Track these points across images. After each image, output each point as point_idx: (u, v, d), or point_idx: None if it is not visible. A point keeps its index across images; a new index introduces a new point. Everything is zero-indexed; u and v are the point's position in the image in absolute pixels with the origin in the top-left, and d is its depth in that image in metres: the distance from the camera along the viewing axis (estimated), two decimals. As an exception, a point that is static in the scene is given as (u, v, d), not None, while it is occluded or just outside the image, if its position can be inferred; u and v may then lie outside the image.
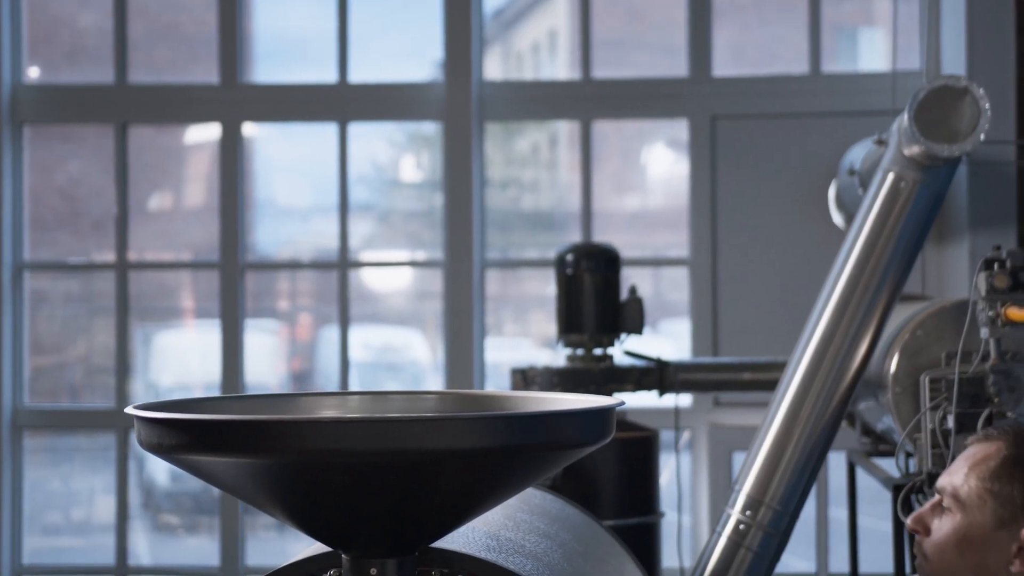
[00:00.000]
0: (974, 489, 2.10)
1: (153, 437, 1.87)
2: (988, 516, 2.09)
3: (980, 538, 2.09)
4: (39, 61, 6.23)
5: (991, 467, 2.10)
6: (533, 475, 1.98)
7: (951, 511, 2.12)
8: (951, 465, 2.17)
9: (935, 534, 2.13)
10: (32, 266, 5.97)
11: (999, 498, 2.08)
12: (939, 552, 2.12)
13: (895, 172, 3.84)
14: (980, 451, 2.13)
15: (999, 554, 2.08)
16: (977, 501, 2.09)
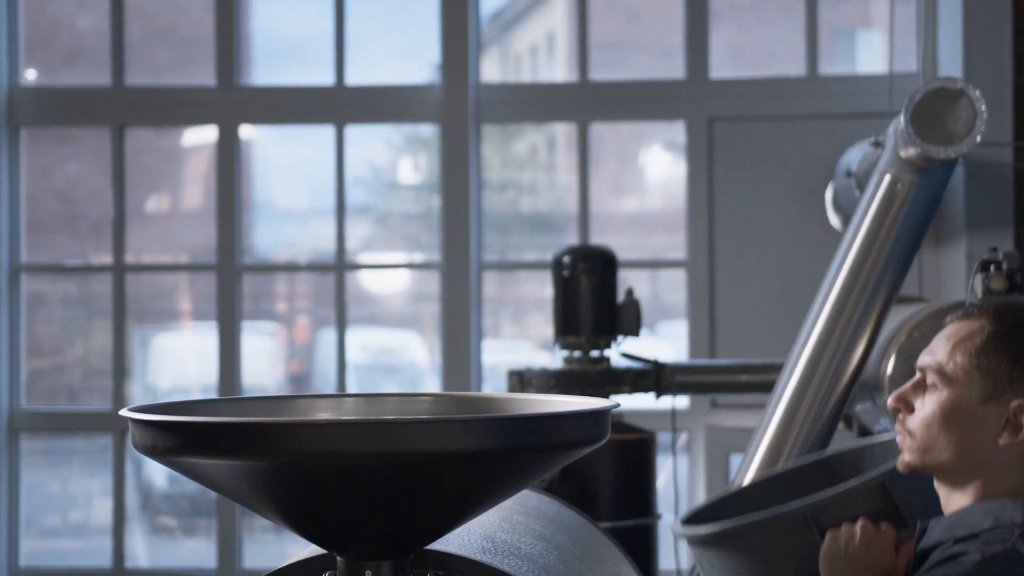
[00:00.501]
0: (960, 365, 2.10)
1: (148, 439, 1.87)
2: (975, 391, 2.09)
3: (967, 413, 2.10)
4: (36, 63, 6.23)
5: (976, 343, 2.11)
6: (528, 477, 1.98)
7: (936, 388, 2.12)
8: (932, 344, 2.17)
9: (919, 411, 2.14)
10: (29, 268, 5.97)
11: (986, 373, 2.09)
12: (925, 428, 2.13)
13: (891, 174, 3.84)
14: (962, 328, 2.14)
15: (986, 429, 2.09)
16: (964, 377, 2.10)
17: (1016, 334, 2.11)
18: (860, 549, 2.20)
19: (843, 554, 2.20)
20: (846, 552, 2.20)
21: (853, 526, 2.22)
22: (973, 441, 2.10)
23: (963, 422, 2.10)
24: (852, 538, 2.21)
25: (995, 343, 2.10)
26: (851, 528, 2.22)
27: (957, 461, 2.12)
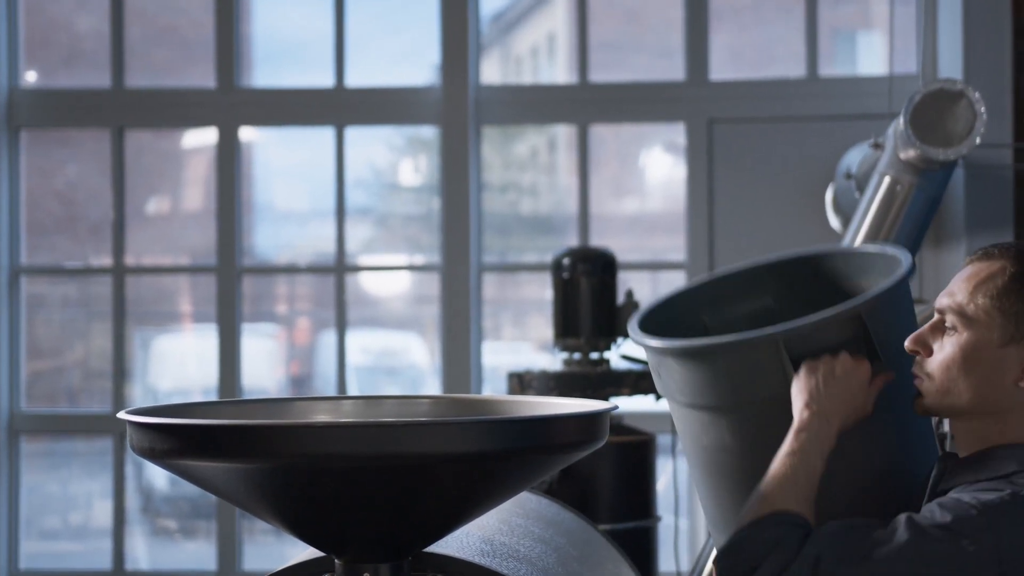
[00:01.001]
0: (981, 306, 2.07)
1: (145, 442, 1.87)
2: (996, 333, 2.06)
3: (987, 355, 2.06)
4: (36, 65, 6.23)
5: (999, 284, 2.07)
6: (526, 479, 1.98)
7: (955, 330, 2.09)
8: (951, 285, 2.14)
9: (938, 354, 2.10)
10: (28, 270, 5.96)
11: (1008, 314, 2.05)
12: (944, 371, 2.09)
13: (891, 175, 3.85)
14: (983, 269, 2.10)
15: (1006, 371, 2.06)
16: (985, 318, 2.06)
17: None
18: (838, 382, 2.12)
19: (819, 386, 2.11)
20: (823, 384, 2.12)
21: (833, 358, 2.14)
22: (993, 384, 2.07)
23: (983, 365, 2.07)
24: (831, 371, 2.13)
25: (1017, 284, 2.06)
26: (831, 360, 2.14)
27: (976, 404, 2.08)
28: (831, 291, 2.47)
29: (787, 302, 2.53)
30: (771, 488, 2.06)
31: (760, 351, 2.16)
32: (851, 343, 2.16)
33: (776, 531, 2.00)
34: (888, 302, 2.20)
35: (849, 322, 2.16)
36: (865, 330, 2.16)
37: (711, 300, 2.53)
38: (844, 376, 2.13)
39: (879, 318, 2.18)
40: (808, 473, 2.07)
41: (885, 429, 2.24)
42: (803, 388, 2.12)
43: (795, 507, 2.04)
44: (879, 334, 2.17)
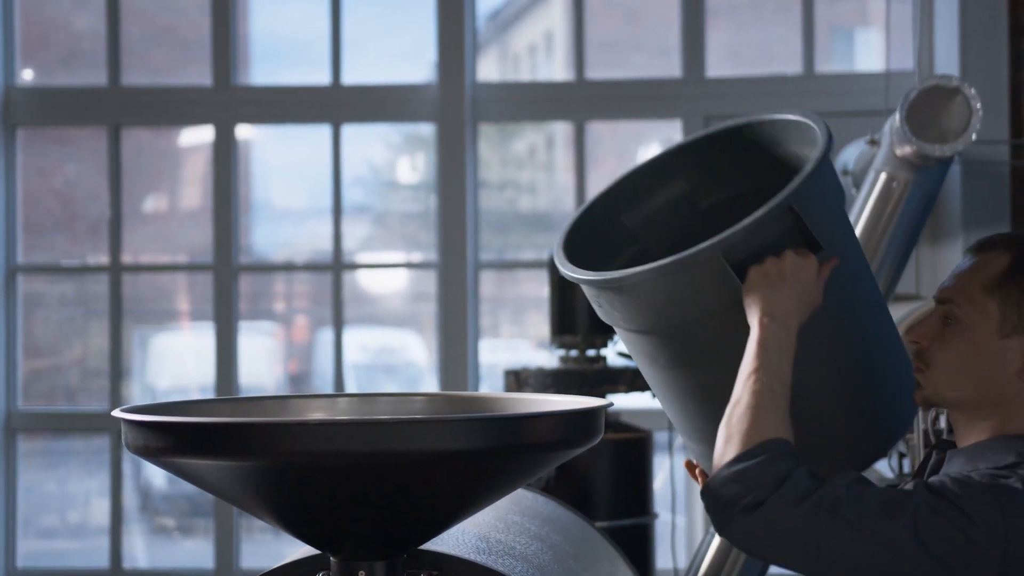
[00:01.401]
0: (982, 298, 2.06)
1: (140, 440, 1.87)
2: (997, 324, 2.05)
3: (988, 347, 2.05)
4: (33, 64, 6.23)
5: (998, 275, 2.06)
6: (521, 476, 1.98)
7: (956, 321, 2.07)
8: (950, 277, 2.12)
9: (938, 345, 2.08)
10: (26, 269, 5.96)
11: (1009, 305, 2.04)
12: (944, 362, 2.08)
13: (887, 172, 3.85)
14: (982, 261, 2.08)
15: (1007, 362, 2.04)
16: (985, 310, 2.05)
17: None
18: (789, 283, 2.07)
19: (771, 288, 2.07)
20: (775, 289, 2.07)
21: (778, 260, 2.09)
22: (994, 375, 2.05)
23: (984, 356, 2.06)
24: (780, 273, 2.08)
25: (1017, 275, 2.05)
26: (776, 262, 2.09)
27: (976, 395, 2.07)
28: (746, 165, 2.39)
29: (702, 183, 2.44)
30: (753, 412, 2.02)
31: (700, 268, 2.09)
32: (788, 235, 2.11)
33: (776, 465, 1.98)
34: (816, 184, 2.13)
35: (782, 215, 2.09)
36: (800, 220, 2.10)
37: (627, 200, 2.44)
38: (793, 275, 2.08)
39: (811, 204, 2.12)
40: (782, 385, 2.05)
41: (838, 311, 2.19)
42: (756, 297, 2.08)
43: (783, 432, 2.02)
44: (814, 220, 2.11)
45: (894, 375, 2.28)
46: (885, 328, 2.31)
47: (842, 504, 1.93)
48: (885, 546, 1.90)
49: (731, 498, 1.98)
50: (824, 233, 2.12)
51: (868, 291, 2.26)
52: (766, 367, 2.04)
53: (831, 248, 2.13)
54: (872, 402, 2.25)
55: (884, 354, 2.24)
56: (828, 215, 2.15)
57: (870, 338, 2.26)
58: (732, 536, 2.01)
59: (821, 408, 2.16)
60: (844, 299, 2.19)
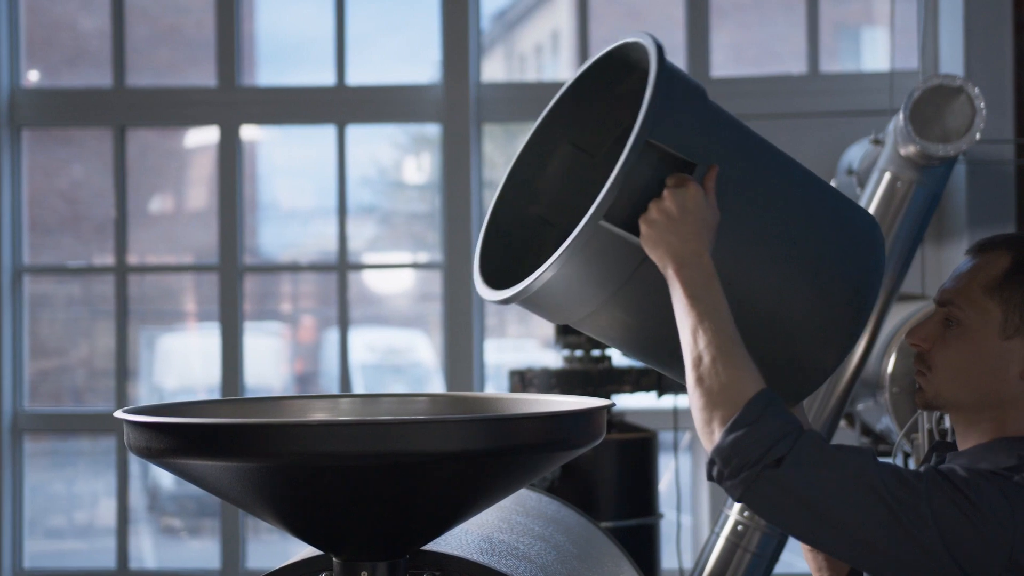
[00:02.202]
0: (983, 300, 2.04)
1: (142, 441, 1.87)
2: (998, 326, 2.03)
3: (989, 349, 2.03)
4: (38, 64, 6.24)
5: (999, 277, 2.04)
6: (523, 477, 1.98)
7: (956, 323, 2.05)
8: (951, 279, 2.10)
9: (939, 348, 2.06)
10: (32, 270, 5.97)
11: (1010, 307, 2.02)
12: (945, 365, 2.06)
13: (891, 172, 3.84)
14: (983, 262, 2.06)
15: (1009, 364, 2.02)
16: (986, 311, 2.03)
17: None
18: (682, 220, 1.97)
19: (667, 232, 1.98)
20: (668, 228, 1.98)
21: (660, 201, 1.99)
22: (995, 378, 2.03)
23: (985, 358, 2.04)
24: (668, 214, 1.98)
25: (1019, 275, 2.03)
26: (658, 202, 1.99)
27: (978, 398, 2.05)
28: (618, 99, 2.24)
29: (586, 137, 2.30)
30: (718, 368, 1.95)
31: (592, 243, 1.98)
32: (660, 168, 2.01)
33: (772, 423, 1.92)
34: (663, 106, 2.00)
35: (644, 155, 1.98)
36: (662, 149, 2.00)
37: (525, 189, 2.32)
38: (680, 208, 1.98)
39: (666, 127, 2.00)
40: (726, 321, 1.98)
41: (749, 209, 2.08)
42: (656, 249, 1.99)
43: (758, 382, 1.95)
44: (678, 140, 2.01)
45: (843, 236, 2.17)
46: (812, 197, 2.17)
47: (868, 470, 1.90)
48: (900, 510, 1.89)
49: (748, 462, 1.91)
50: (694, 147, 2.02)
51: (773, 172, 2.14)
52: (702, 313, 1.97)
53: (708, 157, 2.03)
54: (832, 268, 2.13)
55: (822, 223, 2.14)
56: (690, 127, 2.04)
57: (799, 214, 2.14)
58: (757, 497, 1.93)
59: (783, 302, 2.08)
60: (748, 194, 2.08)
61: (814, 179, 2.22)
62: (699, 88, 2.11)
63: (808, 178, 2.20)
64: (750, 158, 2.11)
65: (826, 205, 2.18)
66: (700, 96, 2.09)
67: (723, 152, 2.07)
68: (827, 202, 2.19)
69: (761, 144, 2.17)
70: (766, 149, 2.17)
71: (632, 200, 2.00)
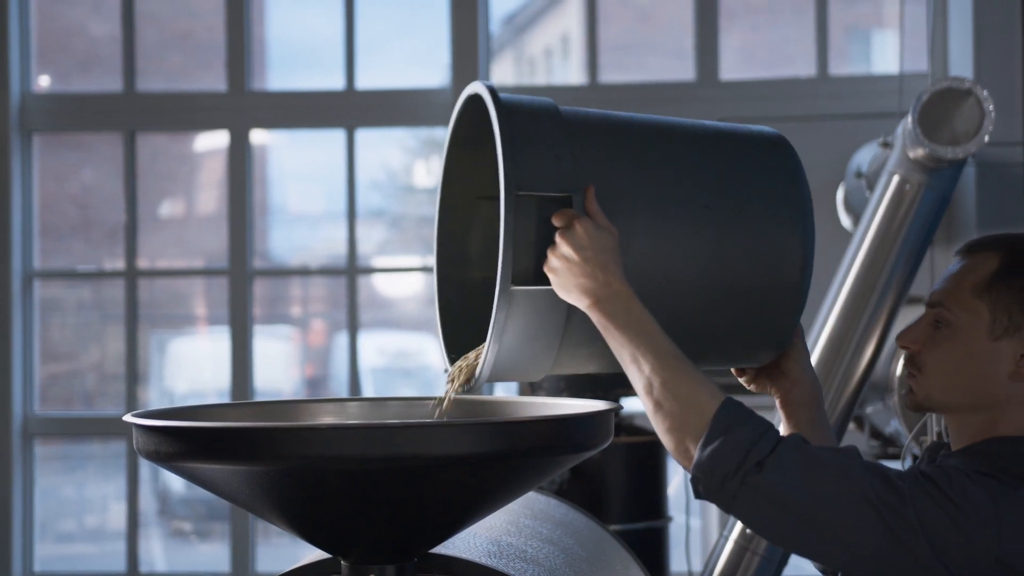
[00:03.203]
0: (972, 301, 2.03)
1: (151, 445, 1.88)
2: (988, 327, 2.02)
3: (980, 350, 2.03)
4: (50, 70, 6.26)
5: (988, 278, 2.03)
6: (532, 480, 1.98)
7: (947, 325, 2.05)
8: (942, 280, 2.09)
9: (930, 350, 2.06)
10: (42, 274, 5.99)
11: (999, 308, 2.01)
12: (936, 367, 2.05)
13: (900, 175, 3.84)
14: (974, 263, 2.06)
15: (1000, 365, 2.02)
16: (976, 312, 2.03)
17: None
18: (577, 253, 1.94)
19: (571, 276, 1.95)
20: (574, 270, 1.94)
21: (555, 248, 1.95)
22: (986, 379, 2.03)
23: (976, 359, 2.03)
24: (564, 256, 1.95)
25: (1007, 276, 2.03)
26: (555, 249, 1.96)
27: (970, 399, 2.05)
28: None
29: (487, 182, 2.17)
30: (674, 389, 1.93)
31: (514, 307, 1.95)
32: (542, 211, 1.95)
33: (744, 429, 1.91)
34: (517, 155, 1.94)
35: (521, 207, 1.94)
36: (533, 196, 1.95)
37: (457, 260, 2.27)
38: (575, 245, 1.95)
39: (528, 173, 1.94)
40: (659, 334, 1.95)
41: (645, 209, 2.04)
42: (568, 292, 1.96)
43: (715, 393, 1.93)
44: (544, 180, 1.95)
45: (751, 168, 2.13)
46: (704, 152, 2.12)
47: (853, 467, 1.90)
48: (887, 514, 1.88)
49: (731, 470, 1.90)
50: (563, 177, 1.97)
51: (653, 149, 2.08)
52: (633, 340, 1.95)
53: (580, 179, 1.98)
54: (754, 203, 2.10)
55: (723, 171, 2.10)
56: (551, 159, 1.97)
57: (698, 176, 2.09)
58: (745, 505, 1.92)
59: (725, 263, 2.03)
60: (639, 187, 2.04)
61: (699, 130, 2.16)
62: (546, 110, 2.03)
63: (694, 132, 2.15)
64: (623, 154, 2.05)
65: (722, 151, 2.14)
66: (550, 117, 2.02)
67: (594, 165, 2.01)
68: (722, 148, 2.14)
69: (630, 127, 2.11)
70: (636, 131, 2.11)
71: (532, 252, 1.96)
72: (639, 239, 2.02)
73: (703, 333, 2.11)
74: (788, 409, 2.25)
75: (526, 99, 2.05)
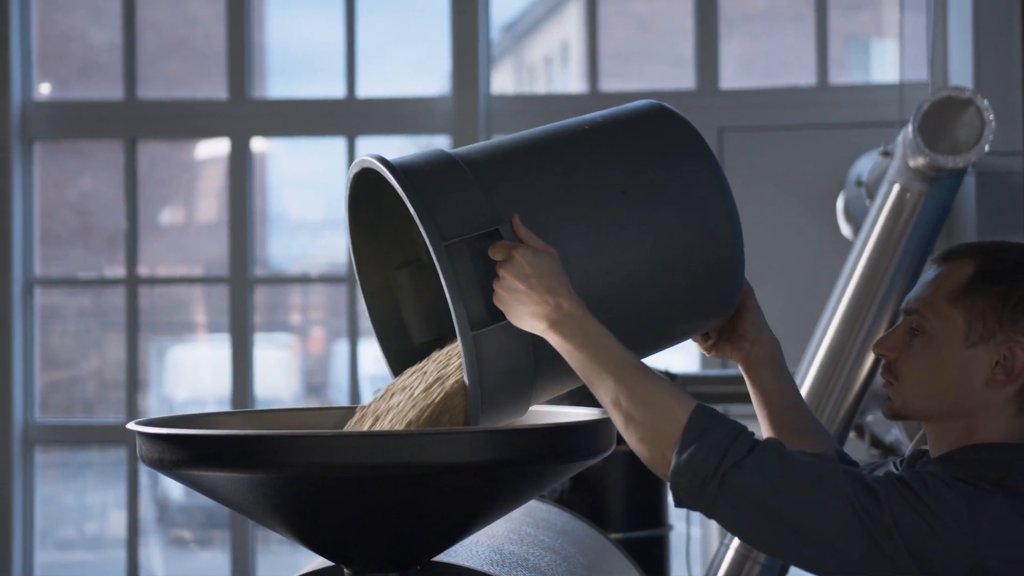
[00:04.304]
0: (947, 308, 2.02)
1: (155, 453, 1.88)
2: (964, 334, 2.01)
3: (956, 357, 2.02)
4: (50, 77, 6.26)
5: (963, 284, 2.02)
6: (533, 489, 1.98)
7: (923, 332, 2.04)
8: (917, 287, 2.09)
9: (907, 357, 2.05)
10: (43, 281, 5.99)
11: (974, 315, 2.01)
12: (913, 374, 2.05)
13: (900, 184, 3.85)
14: (949, 270, 2.05)
15: (975, 372, 2.01)
16: (951, 320, 2.02)
17: (1004, 272, 2.03)
18: (520, 282, 1.95)
19: (520, 304, 1.95)
20: (521, 300, 1.95)
21: (500, 282, 1.96)
22: (962, 386, 2.02)
23: (952, 367, 2.02)
24: (508, 287, 1.95)
25: (981, 283, 2.02)
26: (499, 283, 1.96)
27: (945, 406, 2.04)
28: (394, 202, 2.11)
29: (401, 249, 2.23)
30: (641, 404, 1.92)
31: (484, 350, 1.95)
32: (476, 247, 1.96)
33: (718, 432, 1.91)
34: (430, 209, 1.95)
35: (454, 255, 1.94)
36: (463, 241, 1.95)
37: (398, 333, 2.30)
38: (518, 277, 1.95)
39: (449, 222, 1.95)
40: (619, 356, 1.95)
41: (577, 226, 2.03)
42: (521, 320, 1.96)
43: (685, 401, 1.93)
44: (467, 223, 1.96)
45: (644, 148, 2.13)
46: (598, 144, 2.12)
47: (835, 475, 1.90)
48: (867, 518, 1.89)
49: (709, 472, 1.90)
50: (483, 216, 1.98)
51: (558, 163, 2.08)
52: (593, 359, 1.95)
53: (500, 211, 1.99)
54: (662, 179, 2.09)
55: (620, 155, 2.10)
56: (466, 201, 1.99)
57: (603, 173, 2.09)
58: (726, 508, 1.91)
59: (659, 244, 2.02)
60: (560, 207, 2.04)
61: (589, 125, 2.16)
62: (442, 160, 2.04)
63: (585, 130, 2.15)
64: (529, 174, 2.06)
65: (618, 138, 2.14)
66: (448, 165, 2.03)
67: (507, 192, 2.02)
68: (617, 135, 2.14)
69: (524, 147, 2.13)
70: (532, 148, 2.12)
71: (479, 293, 1.96)
72: (572, 247, 2.02)
73: (656, 318, 2.12)
74: (751, 372, 2.25)
75: (419, 157, 2.05)
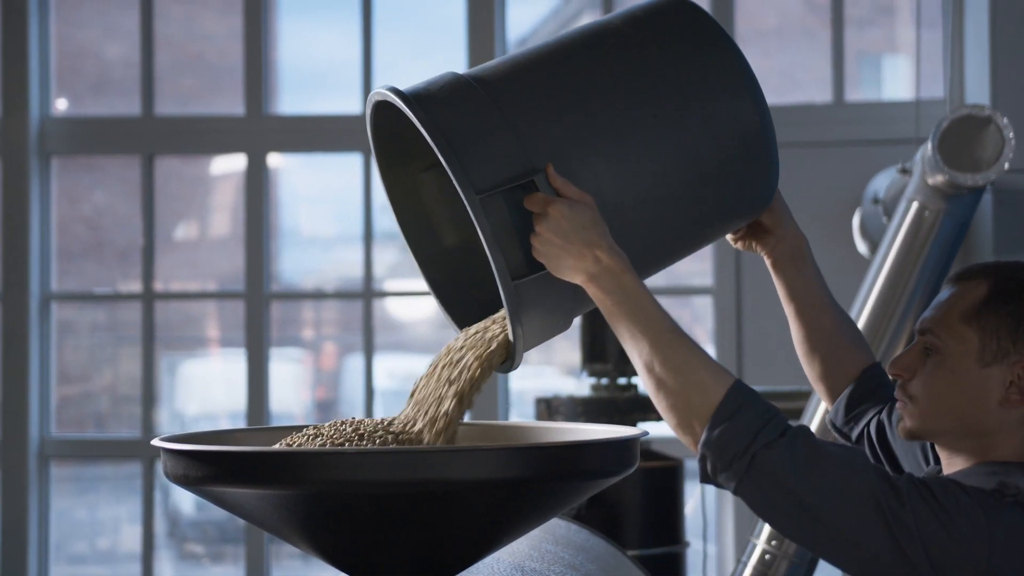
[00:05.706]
0: (961, 328, 2.04)
1: (179, 469, 1.89)
2: (978, 354, 2.02)
3: (970, 377, 2.03)
4: (67, 93, 6.28)
5: (977, 305, 2.04)
6: (556, 506, 1.98)
7: (937, 352, 2.05)
8: (932, 307, 2.10)
9: (920, 377, 2.06)
10: (59, 296, 6.00)
11: (988, 335, 2.02)
12: (926, 394, 2.06)
13: (919, 201, 3.85)
14: (964, 290, 2.07)
15: (989, 392, 2.02)
16: (965, 340, 2.03)
17: (1018, 292, 2.04)
18: (557, 234, 1.94)
19: (560, 256, 1.94)
20: (560, 253, 1.94)
21: (535, 234, 1.95)
22: (976, 406, 2.03)
23: (966, 387, 2.03)
24: (546, 240, 1.94)
25: (996, 303, 2.03)
26: (536, 237, 1.95)
27: (959, 426, 2.05)
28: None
29: (425, 153, 2.09)
30: (676, 370, 1.92)
31: (526, 296, 1.94)
32: (511, 198, 1.94)
33: (752, 412, 1.91)
34: (465, 159, 1.90)
35: (489, 206, 1.91)
36: (497, 192, 1.92)
37: (427, 234, 2.26)
38: (553, 225, 1.93)
39: (481, 173, 1.91)
40: (656, 318, 1.94)
41: (612, 174, 2.00)
42: (562, 272, 1.95)
43: (720, 372, 1.93)
44: (499, 174, 1.92)
45: (673, 51, 2.09)
46: (637, 77, 2.06)
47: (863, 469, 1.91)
48: (890, 516, 1.89)
49: (739, 450, 1.89)
50: (515, 161, 1.94)
51: (594, 95, 2.03)
52: (630, 316, 1.94)
53: (530, 153, 1.94)
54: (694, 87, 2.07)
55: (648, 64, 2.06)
56: (496, 149, 1.94)
57: (645, 106, 2.05)
58: (752, 486, 1.91)
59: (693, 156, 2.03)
60: (590, 140, 2.00)
61: (608, 36, 2.10)
62: (467, 95, 1.97)
63: (606, 43, 2.09)
64: (554, 102, 2.00)
65: (641, 48, 2.08)
66: (474, 103, 1.97)
67: (534, 128, 1.98)
68: (640, 43, 2.09)
69: (543, 65, 2.05)
70: (553, 67, 2.05)
71: (518, 243, 1.95)
72: (605, 180, 2.00)
73: (693, 228, 2.13)
74: (777, 268, 2.32)
75: (443, 88, 1.98)
